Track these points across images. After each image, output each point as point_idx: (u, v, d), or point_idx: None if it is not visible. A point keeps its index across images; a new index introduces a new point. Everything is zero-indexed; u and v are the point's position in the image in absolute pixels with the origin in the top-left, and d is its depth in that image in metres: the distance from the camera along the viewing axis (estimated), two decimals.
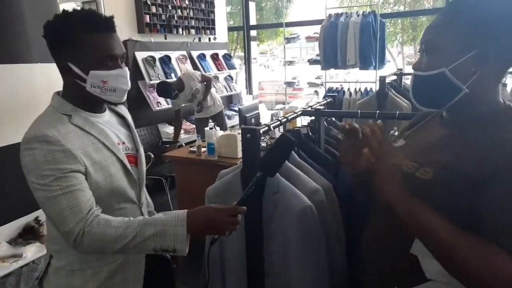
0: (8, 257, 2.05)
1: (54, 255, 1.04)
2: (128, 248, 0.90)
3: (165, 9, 4.73)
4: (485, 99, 0.78)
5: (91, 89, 0.97)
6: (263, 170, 0.98)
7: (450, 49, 0.75)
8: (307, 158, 1.40)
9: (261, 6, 11.63)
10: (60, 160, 0.91)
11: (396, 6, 12.13)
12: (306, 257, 1.15)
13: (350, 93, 4.38)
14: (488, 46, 0.73)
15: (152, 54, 4.53)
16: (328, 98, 1.93)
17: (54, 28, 0.96)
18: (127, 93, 1.04)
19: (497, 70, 0.76)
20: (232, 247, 1.27)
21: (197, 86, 3.97)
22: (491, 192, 0.68)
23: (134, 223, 0.92)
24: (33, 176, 0.91)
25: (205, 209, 0.95)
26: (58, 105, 1.00)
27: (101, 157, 0.99)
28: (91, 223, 0.90)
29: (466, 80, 0.75)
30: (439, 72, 0.76)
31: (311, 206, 1.12)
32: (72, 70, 0.96)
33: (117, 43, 0.99)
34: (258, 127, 1.15)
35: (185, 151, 3.17)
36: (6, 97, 2.07)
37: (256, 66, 7.60)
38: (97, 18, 0.96)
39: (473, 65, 0.74)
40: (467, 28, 0.74)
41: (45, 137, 0.90)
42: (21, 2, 2.11)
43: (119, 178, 1.03)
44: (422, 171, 0.77)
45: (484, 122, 0.76)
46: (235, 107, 5.77)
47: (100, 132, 1.02)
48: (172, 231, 0.90)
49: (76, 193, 0.91)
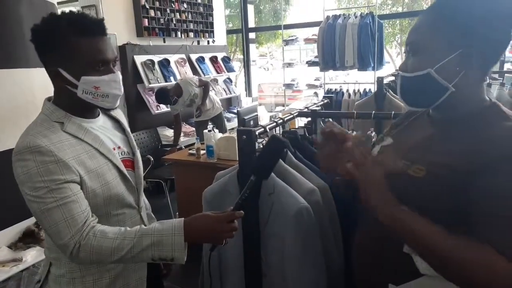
0: (8, 261, 2.05)
1: (53, 262, 1.02)
2: (125, 259, 0.90)
3: (163, 12, 4.76)
4: (471, 96, 0.79)
5: (83, 95, 0.94)
6: (256, 173, 0.97)
7: (434, 49, 0.76)
8: (304, 159, 1.41)
9: (259, 9, 11.68)
10: (53, 171, 0.88)
11: (394, 7, 12.15)
12: (303, 257, 1.15)
13: (349, 94, 4.39)
14: (472, 45, 0.74)
15: (151, 58, 4.55)
16: (325, 99, 1.93)
17: (43, 31, 0.92)
18: (123, 97, 1.03)
19: (481, 68, 0.77)
20: (229, 248, 1.28)
21: (195, 91, 4.00)
22: (481, 185, 0.69)
23: (131, 234, 0.90)
24: (27, 187, 0.88)
25: (202, 217, 0.94)
26: (49, 112, 0.97)
27: (96, 164, 0.97)
28: (87, 236, 0.88)
29: (451, 79, 0.76)
30: (425, 73, 0.77)
31: (307, 206, 1.13)
32: (63, 76, 0.92)
33: (108, 47, 0.95)
34: (253, 129, 1.16)
35: (184, 154, 3.18)
36: (5, 101, 2.09)
37: (256, 68, 7.62)
38: (88, 21, 0.92)
39: (458, 64, 0.75)
40: (450, 28, 0.75)
41: (37, 148, 0.87)
42: (19, 7, 2.13)
43: (116, 185, 1.00)
44: (415, 169, 0.78)
45: (471, 119, 0.77)
46: (234, 109, 5.79)
47: (94, 138, 0.99)
48: (170, 241, 0.89)
49: (70, 204, 0.88)
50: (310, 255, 1.16)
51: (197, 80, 4.07)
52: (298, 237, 1.14)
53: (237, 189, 1.23)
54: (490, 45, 0.75)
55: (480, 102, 0.79)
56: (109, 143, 1.04)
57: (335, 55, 4.59)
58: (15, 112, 2.13)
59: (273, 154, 0.99)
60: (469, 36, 0.73)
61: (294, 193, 1.16)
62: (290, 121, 1.51)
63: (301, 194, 1.17)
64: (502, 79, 3.47)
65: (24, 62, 2.13)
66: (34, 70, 2.17)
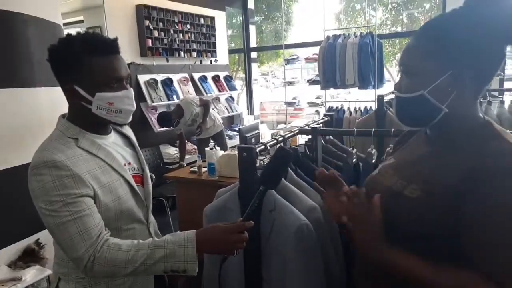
0: (8, 281, 2.03)
1: (62, 278, 1.03)
2: (139, 271, 0.91)
3: (167, 33, 4.86)
4: (465, 115, 0.79)
5: (97, 111, 0.97)
6: (264, 183, 0.99)
7: (426, 72, 0.78)
8: (305, 176, 1.41)
9: (261, 29, 11.89)
10: (69, 185, 0.91)
11: (393, 27, 12.36)
12: (304, 275, 1.14)
13: (350, 112, 4.43)
14: (462, 65, 0.75)
15: (154, 77, 4.62)
16: (325, 117, 1.95)
17: (59, 51, 0.96)
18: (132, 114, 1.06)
19: (474, 87, 0.78)
20: (230, 265, 1.27)
21: (196, 110, 4.06)
22: (471, 207, 0.69)
23: (144, 246, 0.92)
24: (42, 201, 0.91)
25: (213, 228, 0.96)
26: (64, 128, 1.00)
27: (109, 179, 1.00)
28: (102, 248, 0.90)
29: (444, 99, 0.77)
30: (418, 95, 0.78)
31: (307, 223, 1.13)
32: (78, 93, 0.96)
33: (122, 64, 0.99)
34: (254, 146, 1.17)
35: (186, 172, 3.18)
36: (10, 120, 2.11)
37: (257, 87, 7.71)
38: (102, 40, 0.97)
39: (449, 85, 0.76)
40: (439, 50, 0.76)
41: (54, 163, 0.90)
42: (26, 28, 2.19)
43: (127, 200, 1.03)
44: (411, 190, 0.79)
45: (465, 137, 0.78)
46: (236, 127, 5.83)
47: (107, 154, 1.02)
48: (182, 252, 0.91)
49: (85, 218, 0.91)
50: (311, 273, 1.15)
51: (198, 100, 4.13)
52: (299, 254, 1.13)
53: (238, 206, 1.23)
54: (481, 64, 0.76)
55: (474, 120, 0.80)
56: (121, 159, 1.07)
57: (335, 73, 4.65)
58: (21, 131, 2.15)
59: (281, 164, 1.01)
60: (459, 57, 0.75)
61: (295, 210, 1.16)
62: (290, 138, 1.52)
63: (302, 211, 1.17)
64: (502, 97, 3.50)
65: (29, 81, 2.17)
66: (39, 89, 2.20)
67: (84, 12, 4.69)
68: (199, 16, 5.38)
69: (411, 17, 12.28)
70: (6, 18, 2.09)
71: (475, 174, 0.70)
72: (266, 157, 2.16)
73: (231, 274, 1.27)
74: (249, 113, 6.88)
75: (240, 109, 6.31)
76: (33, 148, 0.98)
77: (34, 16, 2.23)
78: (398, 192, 0.81)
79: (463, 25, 0.75)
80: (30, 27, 2.20)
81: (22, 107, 2.16)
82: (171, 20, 4.91)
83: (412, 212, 0.77)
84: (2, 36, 2.07)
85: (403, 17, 12.51)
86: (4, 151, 2.08)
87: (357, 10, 12.92)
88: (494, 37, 0.74)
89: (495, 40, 0.74)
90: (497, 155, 0.71)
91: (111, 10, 4.22)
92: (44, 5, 2.34)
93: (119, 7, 4.35)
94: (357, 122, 3.39)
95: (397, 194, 0.81)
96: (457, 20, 0.77)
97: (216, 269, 1.27)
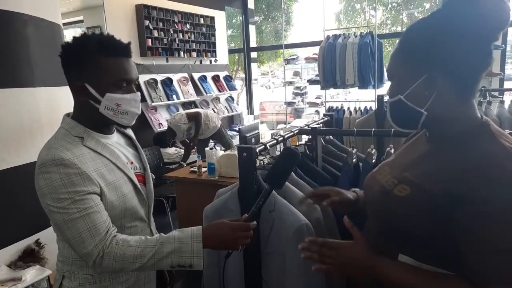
0: (8, 281, 2.03)
1: (66, 275, 1.04)
2: (146, 266, 0.93)
3: (166, 33, 4.86)
4: (455, 117, 0.78)
5: (105, 111, 0.99)
6: (270, 182, 1.00)
7: (402, 77, 0.80)
8: (305, 176, 1.41)
9: (261, 29, 11.90)
10: (76, 183, 0.92)
11: (393, 27, 12.36)
12: (304, 275, 1.14)
13: (350, 112, 4.42)
14: (434, 69, 0.75)
15: (154, 77, 4.62)
16: (325, 117, 1.95)
17: (75, 48, 0.98)
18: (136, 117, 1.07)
19: (457, 88, 0.77)
20: (230, 265, 1.27)
21: (187, 126, 4.20)
22: (463, 213, 0.69)
23: (152, 241, 0.94)
24: (50, 199, 0.92)
25: (219, 224, 0.98)
26: (69, 127, 1.01)
27: (114, 177, 1.01)
28: (110, 244, 0.92)
29: (423, 103, 0.78)
30: (397, 99, 0.80)
31: (307, 223, 1.13)
32: (88, 91, 0.98)
33: (133, 68, 1.02)
34: (253, 146, 1.17)
35: (186, 172, 3.18)
36: (10, 120, 2.11)
37: (257, 86, 7.70)
38: (117, 43, 1.00)
39: (425, 89, 0.77)
40: (411, 56, 0.78)
41: (62, 161, 0.92)
42: (26, 28, 2.18)
43: (131, 198, 1.05)
44: (400, 188, 0.79)
45: (459, 138, 0.77)
46: (236, 127, 5.83)
47: (111, 153, 1.04)
48: (189, 248, 0.93)
49: (93, 215, 0.93)
50: (310, 273, 1.15)
51: (185, 119, 4.21)
52: (299, 254, 1.13)
53: (238, 206, 1.23)
54: (458, 66, 0.75)
55: (469, 121, 0.78)
56: (124, 158, 1.09)
57: (335, 73, 4.65)
58: (20, 131, 2.14)
59: (288, 164, 1.02)
60: (431, 62, 0.75)
61: (294, 210, 1.16)
62: (290, 138, 1.52)
63: (302, 211, 1.17)
64: (502, 97, 3.50)
65: (29, 81, 2.17)
66: (38, 89, 2.20)
67: (84, 12, 4.70)
68: (199, 16, 5.38)
69: (411, 17, 12.28)
70: (5, 18, 2.08)
71: (465, 176, 0.69)
72: (266, 157, 2.16)
73: (231, 274, 1.27)
74: (249, 113, 6.88)
75: (240, 109, 6.31)
76: (33, 149, 0.98)
77: (33, 16, 2.23)
78: (389, 190, 0.82)
79: (438, 27, 0.76)
80: (30, 27, 2.20)
81: (21, 107, 2.15)
82: (171, 20, 4.91)
83: (399, 211, 0.78)
84: (1, 36, 2.07)
85: (403, 17, 12.52)
86: (3, 151, 2.08)
87: (357, 10, 12.94)
88: (474, 36, 0.73)
89: (475, 39, 0.73)
90: (485, 158, 0.70)
91: (111, 10, 4.22)
92: (43, 5, 2.34)
93: (119, 7, 4.35)
94: (357, 122, 3.38)
95: (388, 192, 0.82)
96: (434, 23, 0.77)
97: (216, 269, 1.27)
